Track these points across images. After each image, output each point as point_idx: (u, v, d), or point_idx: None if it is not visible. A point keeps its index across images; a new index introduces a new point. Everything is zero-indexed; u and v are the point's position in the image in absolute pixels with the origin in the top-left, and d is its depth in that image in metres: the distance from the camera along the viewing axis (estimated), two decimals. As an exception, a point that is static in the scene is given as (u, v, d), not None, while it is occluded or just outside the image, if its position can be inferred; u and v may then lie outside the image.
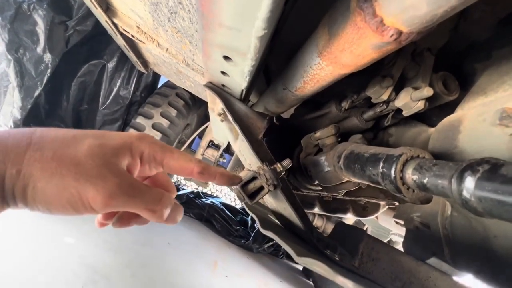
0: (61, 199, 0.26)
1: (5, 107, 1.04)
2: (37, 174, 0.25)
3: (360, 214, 0.83)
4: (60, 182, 0.25)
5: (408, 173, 0.37)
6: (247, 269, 2.21)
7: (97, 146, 0.28)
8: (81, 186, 0.26)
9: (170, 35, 1.04)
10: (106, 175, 0.27)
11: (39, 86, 1.05)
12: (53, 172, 0.25)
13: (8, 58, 0.95)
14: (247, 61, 0.36)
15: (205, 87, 0.53)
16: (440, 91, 0.57)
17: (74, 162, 0.26)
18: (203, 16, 0.31)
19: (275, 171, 0.49)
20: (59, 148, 0.27)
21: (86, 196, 0.26)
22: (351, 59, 0.35)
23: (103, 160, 0.28)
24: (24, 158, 0.25)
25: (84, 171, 0.26)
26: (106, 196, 0.27)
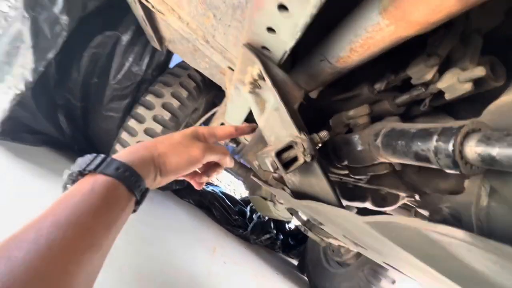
0: (183, 160, 0.47)
1: (17, 69, 1.00)
2: (167, 152, 0.46)
3: (379, 204, 0.81)
4: (178, 152, 0.47)
5: (470, 146, 0.34)
6: (244, 258, 2.20)
7: (183, 134, 0.50)
8: (189, 150, 0.48)
9: (193, 6, 1.00)
10: (195, 142, 0.50)
11: (53, 48, 1.01)
12: (173, 150, 0.47)
13: (25, 16, 0.91)
14: (307, 8, 0.33)
15: (243, 47, 0.50)
16: (487, 75, 0.54)
17: (178, 142, 0.48)
18: None
19: (313, 141, 0.46)
20: (168, 139, 0.48)
21: (193, 154, 0.48)
22: (424, 14, 0.32)
23: (190, 138, 0.50)
24: (157, 148, 0.45)
25: (185, 144, 0.48)
26: (202, 151, 0.49)
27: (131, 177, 0.38)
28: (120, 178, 0.37)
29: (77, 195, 0.33)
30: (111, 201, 0.36)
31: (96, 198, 0.34)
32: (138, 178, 0.40)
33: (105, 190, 0.35)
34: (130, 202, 0.39)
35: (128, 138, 1.62)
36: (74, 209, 0.32)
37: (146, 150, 0.44)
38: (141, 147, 0.45)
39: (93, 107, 1.69)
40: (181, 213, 2.21)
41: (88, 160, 0.38)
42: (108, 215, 0.35)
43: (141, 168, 0.41)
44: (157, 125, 1.62)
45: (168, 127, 1.65)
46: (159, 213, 1.89)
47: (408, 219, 0.28)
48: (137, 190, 0.39)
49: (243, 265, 2.04)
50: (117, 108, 1.69)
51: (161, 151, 0.45)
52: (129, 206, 0.39)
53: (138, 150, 0.43)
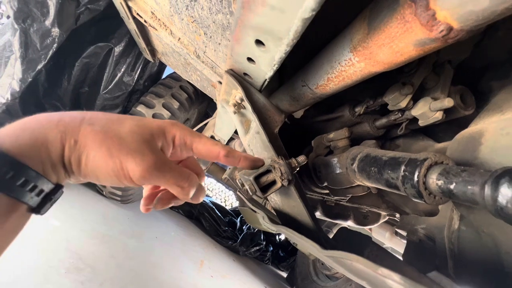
0: (107, 167, 0.29)
1: (4, 78, 1.00)
2: (89, 144, 0.28)
3: (361, 223, 0.82)
4: (106, 152, 0.29)
5: (432, 178, 0.36)
6: (233, 270, 2.18)
7: (137, 126, 0.32)
8: (123, 157, 0.29)
9: (185, 23, 1.02)
10: (144, 151, 0.31)
11: (42, 59, 1.01)
12: (101, 143, 0.29)
13: (14, 27, 0.91)
14: (281, 46, 0.35)
15: (226, 73, 0.51)
16: (457, 104, 0.57)
17: (118, 136, 0.30)
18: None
19: (290, 166, 0.48)
20: (106, 125, 0.30)
21: (127, 168, 0.29)
22: (388, 56, 0.34)
23: (142, 138, 0.31)
24: (79, 131, 0.28)
25: (125, 144, 0.30)
26: (144, 169, 0.30)
27: (13, 175, 0.24)
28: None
29: None
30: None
31: None
32: (29, 176, 0.25)
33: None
34: (14, 213, 0.26)
35: (117, 148, 1.61)
36: None
37: (56, 128, 0.27)
38: (53, 122, 0.28)
39: (83, 115, 1.68)
40: (170, 224, 2.18)
41: None
42: None
43: (38, 157, 0.26)
44: (147, 135, 1.62)
45: (158, 137, 1.65)
46: (146, 224, 1.86)
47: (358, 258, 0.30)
48: (28, 195, 0.26)
49: (231, 278, 2.01)
50: (107, 118, 1.69)
51: (81, 139, 0.28)
52: (11, 219, 0.26)
53: (40, 126, 0.27)
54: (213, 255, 2.21)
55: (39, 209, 0.28)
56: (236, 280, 2.03)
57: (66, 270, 0.94)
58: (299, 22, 0.29)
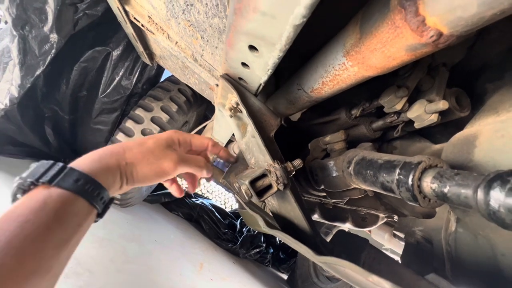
0: (151, 172, 0.44)
1: (3, 84, 1.00)
2: (135, 162, 0.43)
3: (359, 225, 0.82)
4: (147, 162, 0.44)
5: (426, 182, 0.36)
6: (233, 273, 2.17)
7: (157, 141, 0.47)
8: (159, 162, 0.45)
9: (182, 27, 1.03)
10: (168, 154, 0.47)
11: (41, 65, 1.02)
12: (142, 159, 0.44)
13: (13, 33, 0.92)
14: (274, 52, 0.35)
15: (221, 78, 0.52)
16: (452, 106, 0.58)
17: (150, 151, 0.45)
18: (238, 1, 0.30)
19: (286, 170, 0.48)
20: (138, 147, 0.45)
21: (164, 167, 0.45)
22: (380, 61, 0.35)
23: (163, 146, 0.47)
24: (125, 155, 0.43)
25: (156, 154, 0.45)
26: (174, 163, 0.46)
27: (93, 189, 0.36)
28: (79, 192, 0.34)
29: (24, 212, 0.30)
30: (66, 218, 0.33)
31: (47, 216, 0.31)
32: (101, 190, 0.37)
33: (60, 206, 0.32)
34: (90, 215, 0.36)
35: (116, 151, 1.61)
36: (19, 230, 0.28)
37: (112, 157, 0.41)
38: (107, 153, 0.41)
39: (82, 119, 1.69)
40: (169, 227, 2.18)
41: (43, 169, 0.34)
42: (60, 234, 0.32)
43: (105, 178, 0.38)
44: (146, 139, 1.62)
45: (156, 141, 1.65)
46: (146, 227, 1.86)
47: (350, 265, 0.30)
48: (99, 203, 0.37)
49: (231, 281, 2.00)
50: (106, 121, 1.69)
51: (129, 160, 0.42)
52: (88, 220, 0.36)
53: (103, 157, 0.40)
54: (213, 257, 2.20)
55: (102, 214, 0.39)
56: (236, 283, 2.03)
57: (64, 275, 0.94)
58: (290, 28, 0.30)
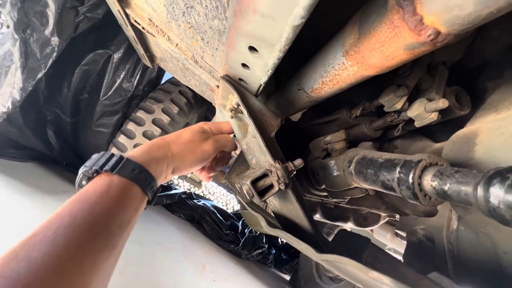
0: (196, 157, 0.50)
1: (5, 88, 1.01)
2: (180, 152, 0.48)
3: (361, 224, 0.82)
4: (191, 151, 0.50)
5: (426, 179, 0.36)
6: (235, 274, 2.17)
7: (192, 132, 0.53)
8: (201, 148, 0.51)
9: (182, 30, 1.03)
10: (205, 140, 0.53)
11: (42, 68, 1.03)
12: (185, 148, 0.49)
13: (14, 37, 0.93)
14: (274, 52, 0.36)
15: (222, 79, 0.52)
16: (452, 105, 0.58)
17: (190, 140, 0.51)
18: (238, 1, 0.30)
19: (287, 170, 0.48)
20: (179, 139, 0.50)
21: (205, 150, 0.51)
22: (379, 60, 0.35)
23: (200, 134, 0.53)
24: (170, 148, 0.47)
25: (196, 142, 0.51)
26: (212, 145, 0.53)
27: (146, 178, 0.40)
28: (136, 180, 0.39)
29: (93, 195, 0.34)
30: (126, 202, 0.37)
31: (112, 199, 0.35)
32: (152, 179, 0.41)
33: (121, 191, 0.37)
34: (143, 202, 0.41)
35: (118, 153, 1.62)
36: (90, 210, 0.33)
37: (160, 150, 0.46)
38: (155, 147, 0.46)
39: (83, 122, 1.69)
40: (171, 228, 2.18)
41: (104, 159, 0.39)
42: (122, 215, 0.36)
43: (155, 168, 0.42)
44: (147, 140, 1.62)
45: (158, 142, 1.66)
46: (147, 228, 1.86)
47: (351, 262, 0.30)
48: (150, 191, 0.42)
49: (233, 282, 2.00)
50: (108, 124, 1.69)
51: (175, 151, 0.47)
52: (142, 206, 0.41)
53: (152, 150, 0.45)
54: (215, 259, 2.20)
55: (152, 201, 0.44)
56: (239, 284, 2.03)
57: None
58: (290, 29, 0.30)
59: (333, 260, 0.32)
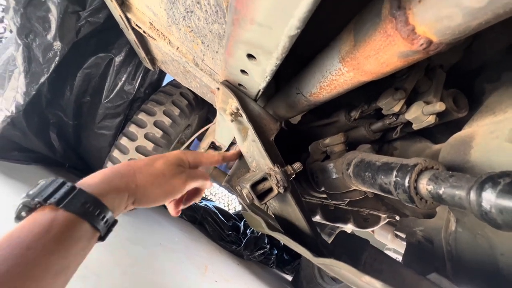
0: (161, 193, 0.45)
1: (9, 92, 1.03)
2: (145, 185, 0.43)
3: (361, 226, 0.83)
4: (157, 185, 0.45)
5: (422, 183, 0.37)
6: (237, 275, 2.18)
7: (166, 162, 0.48)
8: (170, 182, 0.46)
9: (182, 33, 1.04)
10: (178, 173, 0.48)
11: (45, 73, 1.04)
12: (152, 182, 0.44)
13: (17, 42, 0.94)
14: (271, 60, 0.37)
15: (221, 84, 0.53)
16: (450, 107, 0.58)
17: (160, 172, 0.46)
18: (235, 11, 0.31)
19: (286, 173, 0.49)
20: (148, 169, 0.45)
21: (173, 186, 0.46)
22: (374, 67, 0.36)
23: (173, 167, 0.48)
24: (135, 178, 0.43)
25: (167, 175, 0.46)
26: (184, 182, 0.48)
27: (99, 212, 0.35)
28: (86, 216, 0.33)
29: (27, 238, 0.29)
30: (70, 244, 0.32)
31: (50, 242, 0.30)
32: (107, 213, 0.36)
33: (65, 231, 0.31)
34: (92, 239, 0.36)
35: (120, 155, 1.63)
36: (19, 258, 0.27)
37: (122, 179, 0.40)
38: (117, 174, 0.41)
39: (86, 125, 1.71)
40: (173, 230, 2.19)
41: (52, 188, 0.33)
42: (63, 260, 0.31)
43: (113, 200, 0.37)
44: (149, 143, 1.64)
45: (159, 144, 1.67)
46: (149, 230, 1.88)
47: (345, 266, 0.31)
48: (103, 227, 0.36)
49: (235, 282, 2.01)
50: (109, 126, 1.71)
51: (140, 183, 0.42)
52: (91, 244, 0.36)
53: (113, 179, 0.39)
54: (217, 259, 2.21)
55: (104, 237, 0.39)
56: (241, 285, 2.04)
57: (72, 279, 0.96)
58: (286, 39, 0.31)
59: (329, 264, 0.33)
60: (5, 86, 1.04)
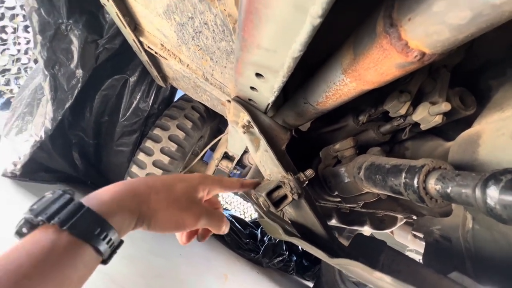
0: (171, 223, 0.41)
1: (37, 118, 1.12)
2: (157, 209, 0.40)
3: (378, 227, 0.83)
4: (170, 213, 0.41)
5: (431, 183, 0.39)
6: (257, 283, 2.18)
7: (185, 187, 0.44)
8: (182, 214, 0.42)
9: (192, 52, 1.10)
10: (193, 205, 0.44)
11: (70, 99, 1.13)
12: (167, 207, 0.41)
13: (45, 73, 1.03)
14: (278, 77, 0.40)
15: (233, 100, 0.57)
16: (457, 106, 0.59)
17: (176, 199, 0.42)
18: (243, 39, 0.35)
19: (299, 180, 0.51)
20: (166, 192, 0.42)
21: (185, 219, 0.42)
22: (375, 77, 0.38)
23: (190, 196, 0.44)
24: (150, 199, 0.39)
25: (181, 204, 0.42)
26: (196, 219, 0.43)
27: (105, 235, 0.32)
28: (91, 240, 0.31)
29: (24, 262, 0.26)
30: (70, 271, 0.29)
31: (50, 268, 0.27)
32: (114, 235, 0.33)
33: (66, 257, 0.29)
34: (95, 263, 0.33)
35: (138, 171, 1.71)
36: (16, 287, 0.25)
37: (134, 199, 0.38)
38: (131, 193, 0.38)
39: (105, 143, 1.81)
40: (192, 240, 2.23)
41: (58, 205, 0.30)
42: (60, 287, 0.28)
43: (121, 221, 0.35)
44: (165, 156, 1.71)
45: (175, 158, 1.73)
46: (170, 241, 1.92)
47: (357, 264, 0.33)
48: (108, 250, 0.33)
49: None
50: (127, 143, 1.80)
51: (152, 206, 0.39)
52: (93, 268, 0.33)
53: (125, 197, 0.37)
54: (236, 268, 2.23)
55: (107, 260, 0.35)
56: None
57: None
58: (290, 60, 0.34)
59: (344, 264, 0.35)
60: (34, 113, 1.13)
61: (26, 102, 1.13)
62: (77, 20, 1.04)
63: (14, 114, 1.26)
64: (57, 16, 0.99)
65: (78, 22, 1.04)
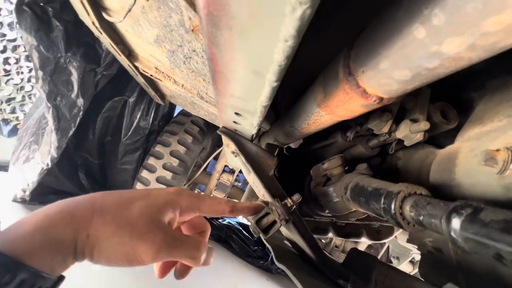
0: (119, 254, 0.31)
1: (43, 147, 1.17)
2: (101, 236, 0.30)
3: (375, 238, 0.84)
4: (118, 241, 0.31)
5: (406, 209, 0.41)
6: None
7: (145, 207, 0.33)
8: (135, 243, 0.31)
9: (185, 74, 1.14)
10: (153, 231, 0.32)
11: (72, 127, 1.18)
12: (113, 234, 0.31)
13: (47, 105, 1.08)
14: (255, 117, 0.42)
15: (220, 132, 0.60)
16: (439, 121, 0.61)
17: (129, 223, 0.32)
18: (217, 90, 0.37)
19: (286, 206, 0.53)
20: (116, 212, 0.32)
21: (139, 251, 0.31)
22: (345, 112, 0.40)
23: (151, 218, 0.33)
24: (91, 223, 0.30)
25: (136, 229, 0.31)
26: (155, 250, 0.31)
27: (17, 283, 0.24)
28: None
29: None
30: None
31: None
32: (39, 279, 0.26)
33: None
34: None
35: (142, 188, 1.75)
36: None
37: (69, 225, 0.29)
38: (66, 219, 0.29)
39: (109, 162, 1.86)
40: (200, 251, 2.26)
41: None
42: None
43: (50, 258, 0.27)
44: (168, 172, 1.75)
45: (177, 172, 1.77)
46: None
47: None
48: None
49: (266, 299, 2.02)
50: (131, 161, 1.84)
51: (94, 232, 0.30)
52: None
53: (56, 225, 0.29)
54: (245, 277, 2.24)
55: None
56: (272, 300, 2.04)
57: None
58: (261, 107, 0.37)
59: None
60: (39, 142, 1.18)
61: (32, 132, 1.19)
62: (75, 52, 1.09)
63: (21, 143, 1.32)
64: (56, 50, 1.04)
65: (76, 54, 1.09)
